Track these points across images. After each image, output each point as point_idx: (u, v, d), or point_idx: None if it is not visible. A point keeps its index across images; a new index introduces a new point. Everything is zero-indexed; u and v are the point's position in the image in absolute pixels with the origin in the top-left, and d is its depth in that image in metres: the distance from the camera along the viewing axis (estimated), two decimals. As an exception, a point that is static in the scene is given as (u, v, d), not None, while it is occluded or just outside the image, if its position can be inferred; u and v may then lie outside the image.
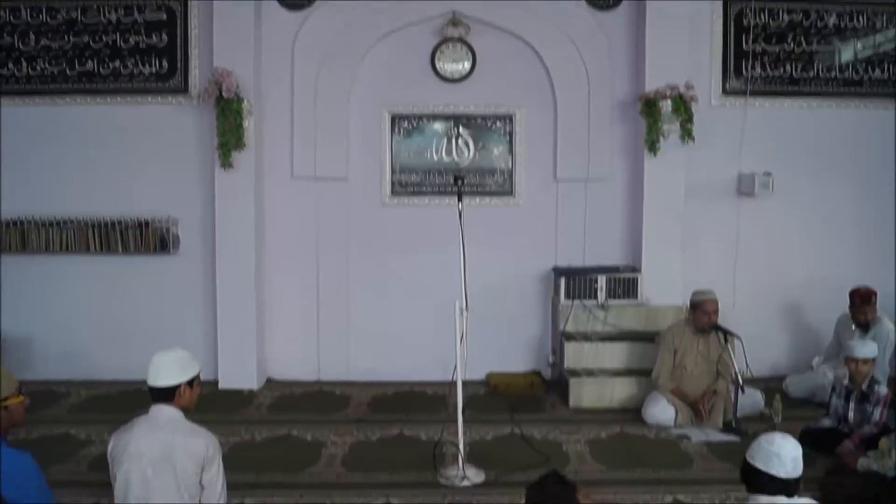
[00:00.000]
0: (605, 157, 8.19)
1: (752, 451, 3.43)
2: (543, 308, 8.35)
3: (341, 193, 8.12)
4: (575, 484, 3.44)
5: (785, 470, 3.32)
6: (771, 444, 3.38)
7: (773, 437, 3.42)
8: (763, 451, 3.37)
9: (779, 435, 3.43)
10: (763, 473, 3.34)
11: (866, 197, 8.51)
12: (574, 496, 3.39)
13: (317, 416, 6.99)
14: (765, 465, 3.34)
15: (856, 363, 5.83)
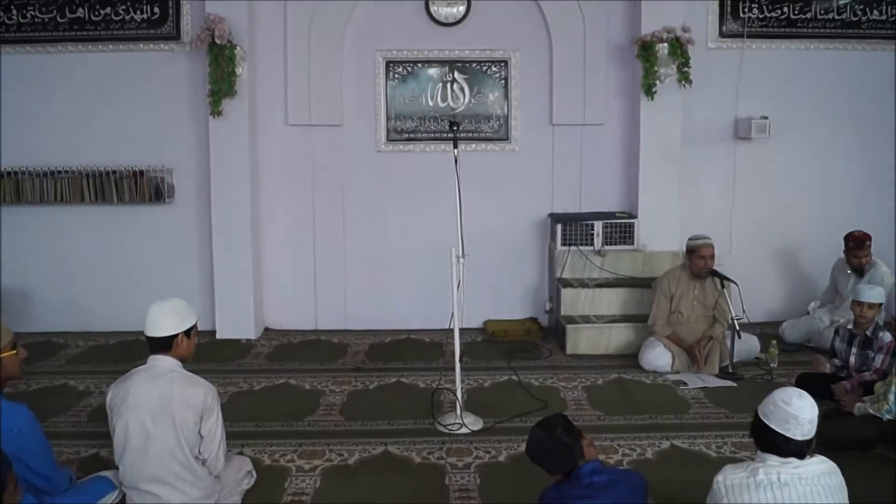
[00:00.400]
0: (601, 102, 8.12)
1: (766, 409, 3.26)
2: (540, 255, 8.34)
3: (336, 140, 8.05)
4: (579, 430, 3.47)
5: (801, 432, 3.18)
6: (788, 405, 3.20)
7: (789, 396, 3.23)
8: (779, 412, 3.20)
9: (796, 394, 3.25)
10: (778, 434, 3.19)
11: (865, 141, 8.47)
12: (579, 440, 3.41)
13: (315, 365, 7.01)
14: (780, 426, 3.19)
15: (861, 307, 5.81)
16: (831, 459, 3.34)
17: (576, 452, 3.38)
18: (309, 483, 4.68)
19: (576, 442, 3.39)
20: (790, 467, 3.17)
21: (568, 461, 3.38)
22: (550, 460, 3.41)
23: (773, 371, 6.58)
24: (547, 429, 3.43)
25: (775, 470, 3.17)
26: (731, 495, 3.17)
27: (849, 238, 7.29)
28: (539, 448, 3.42)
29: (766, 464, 3.20)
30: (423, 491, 4.58)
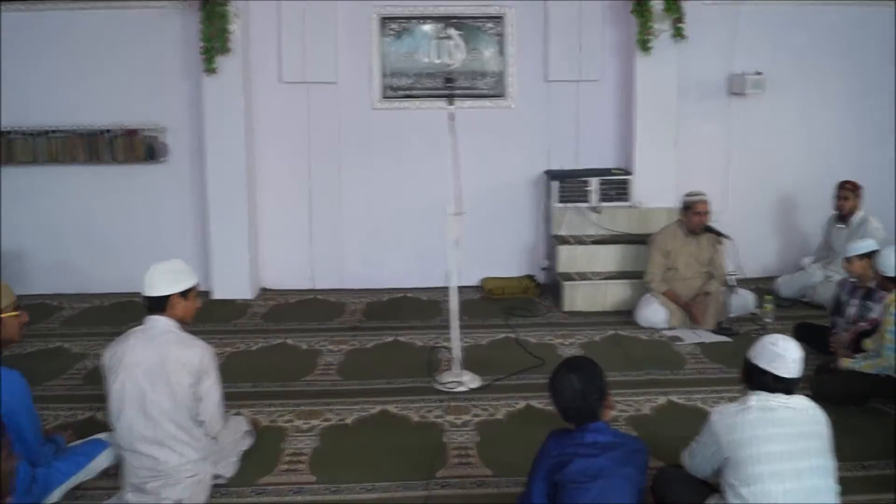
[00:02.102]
0: (596, 58, 8.07)
1: (756, 351, 3.52)
2: (536, 212, 8.32)
3: (331, 98, 7.99)
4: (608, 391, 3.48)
5: (788, 370, 3.43)
6: (775, 346, 3.47)
7: (776, 339, 3.51)
8: (768, 352, 3.47)
9: (782, 337, 3.52)
10: (767, 373, 3.44)
11: (861, 97, 8.44)
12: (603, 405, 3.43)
13: (312, 325, 7.02)
14: (769, 364, 3.44)
15: (849, 262, 5.82)
16: (827, 413, 3.53)
17: (595, 415, 3.40)
18: (307, 443, 4.70)
19: (600, 407, 3.41)
20: (778, 399, 3.43)
21: (582, 420, 3.41)
22: (570, 414, 3.43)
23: (768, 326, 6.60)
24: (584, 389, 3.38)
25: (765, 400, 3.43)
26: (725, 420, 3.43)
27: (838, 185, 7.35)
28: (565, 400, 3.40)
29: (757, 395, 3.46)
30: (422, 449, 4.60)
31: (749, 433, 3.34)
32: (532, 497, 3.40)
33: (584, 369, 3.47)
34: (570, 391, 3.38)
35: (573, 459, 3.31)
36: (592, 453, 3.31)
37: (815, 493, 3.30)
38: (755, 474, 3.29)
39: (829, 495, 3.35)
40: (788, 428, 3.35)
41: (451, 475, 4.32)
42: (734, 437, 3.36)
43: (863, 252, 5.70)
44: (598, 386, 3.41)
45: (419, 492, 4.15)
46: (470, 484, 4.23)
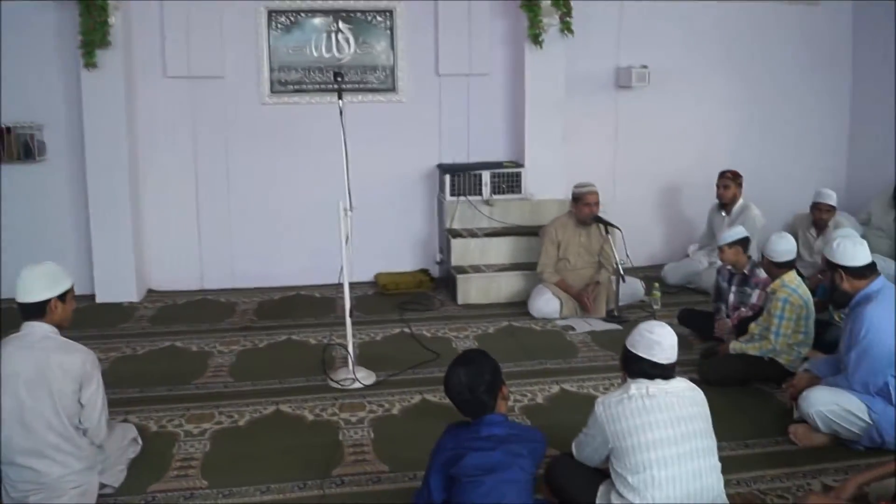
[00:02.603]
0: (486, 52, 8.11)
1: (633, 339, 3.57)
2: (429, 206, 8.32)
3: (218, 93, 7.80)
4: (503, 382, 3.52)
5: (665, 356, 3.49)
6: (651, 333, 3.53)
7: (651, 327, 3.58)
8: (644, 340, 3.52)
9: (657, 324, 3.59)
10: (645, 360, 3.48)
11: (741, 88, 8.76)
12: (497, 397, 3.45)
13: (201, 326, 6.85)
14: (646, 352, 3.49)
15: (721, 250, 6.01)
16: (712, 395, 3.66)
17: (488, 408, 3.41)
18: (198, 447, 4.58)
19: (492, 401, 3.42)
20: (658, 384, 3.48)
21: (476, 412, 3.42)
22: (461, 407, 3.45)
23: (657, 312, 6.74)
24: (470, 382, 3.40)
25: (645, 386, 3.47)
26: (608, 411, 3.46)
27: (718, 175, 7.59)
28: (454, 393, 3.43)
29: (637, 382, 3.50)
30: (317, 448, 4.55)
31: (631, 422, 3.39)
32: (429, 491, 3.40)
33: (474, 363, 3.49)
34: (457, 385, 3.41)
35: (468, 453, 3.31)
36: (488, 447, 3.32)
37: (700, 474, 3.38)
38: (640, 462, 3.35)
39: (713, 475, 3.44)
40: (669, 413, 3.41)
41: (347, 473, 4.28)
42: (617, 427, 3.41)
43: (734, 240, 5.91)
44: (487, 379, 3.42)
45: (315, 491, 4.10)
46: (366, 481, 4.20)
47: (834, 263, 4.46)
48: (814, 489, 4.08)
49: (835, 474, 4.22)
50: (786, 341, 5.28)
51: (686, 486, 3.34)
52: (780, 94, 8.85)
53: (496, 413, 3.43)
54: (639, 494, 3.33)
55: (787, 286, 5.29)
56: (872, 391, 4.37)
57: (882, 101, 8.60)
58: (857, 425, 4.38)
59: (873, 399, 4.36)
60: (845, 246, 4.44)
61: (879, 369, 4.33)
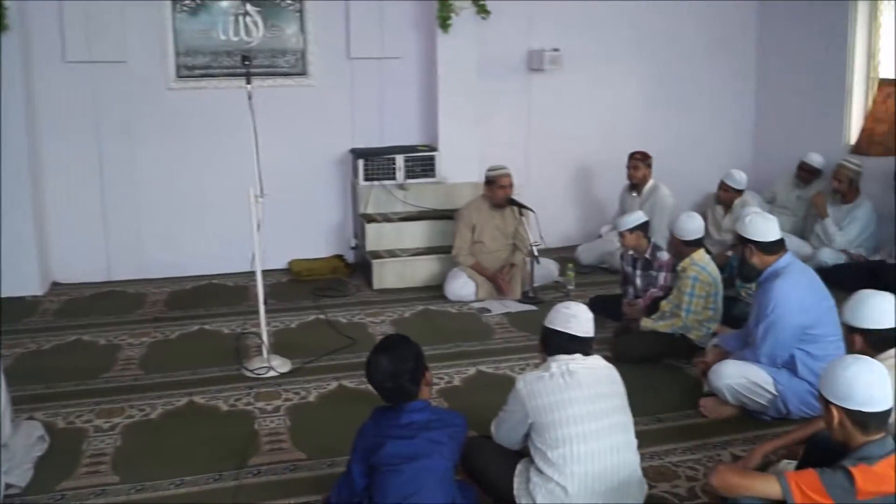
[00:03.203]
0: (398, 35, 8.05)
1: (551, 317, 3.66)
2: (343, 191, 8.24)
3: (121, 78, 7.53)
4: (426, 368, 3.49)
5: (582, 329, 3.59)
6: (568, 309, 3.65)
7: (567, 304, 3.71)
8: (561, 315, 3.63)
9: (572, 303, 3.73)
10: (563, 334, 3.57)
11: (651, 71, 8.90)
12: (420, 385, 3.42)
13: (110, 319, 6.66)
14: (564, 326, 3.58)
15: (621, 236, 6.10)
16: (626, 372, 3.76)
17: (411, 395, 3.39)
18: (109, 442, 4.47)
19: (416, 387, 3.39)
20: (577, 361, 3.54)
21: (398, 399, 3.39)
22: (384, 394, 3.41)
23: (571, 293, 6.81)
24: (394, 370, 3.35)
25: (565, 362, 3.53)
26: (529, 387, 3.50)
27: (628, 156, 7.71)
28: (376, 381, 3.39)
29: (556, 360, 3.56)
30: (233, 438, 4.48)
31: (552, 398, 3.43)
32: (353, 479, 3.37)
33: (396, 349, 3.44)
34: (379, 373, 3.37)
35: (387, 442, 3.29)
36: (407, 434, 3.30)
37: (617, 449, 3.45)
38: (560, 437, 3.39)
39: (629, 450, 3.52)
40: (588, 390, 3.46)
41: (264, 462, 4.23)
42: (538, 402, 3.44)
43: (633, 225, 5.97)
44: (410, 367, 3.38)
45: (231, 482, 4.03)
46: (283, 469, 4.15)
47: (745, 238, 4.55)
48: (723, 460, 4.20)
49: (743, 444, 4.36)
50: (696, 317, 5.40)
51: (604, 462, 3.40)
52: (689, 76, 9.01)
53: (418, 400, 3.41)
54: (558, 469, 3.38)
55: (696, 264, 5.41)
56: (778, 364, 4.50)
57: (787, 81, 8.84)
58: (763, 397, 4.51)
59: (779, 372, 4.50)
60: (756, 221, 4.55)
61: (786, 343, 4.45)
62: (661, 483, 3.98)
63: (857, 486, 2.77)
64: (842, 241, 7.33)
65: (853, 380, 2.86)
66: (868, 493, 2.76)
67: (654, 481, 3.92)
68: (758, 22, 9.18)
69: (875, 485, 2.77)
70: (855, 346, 3.57)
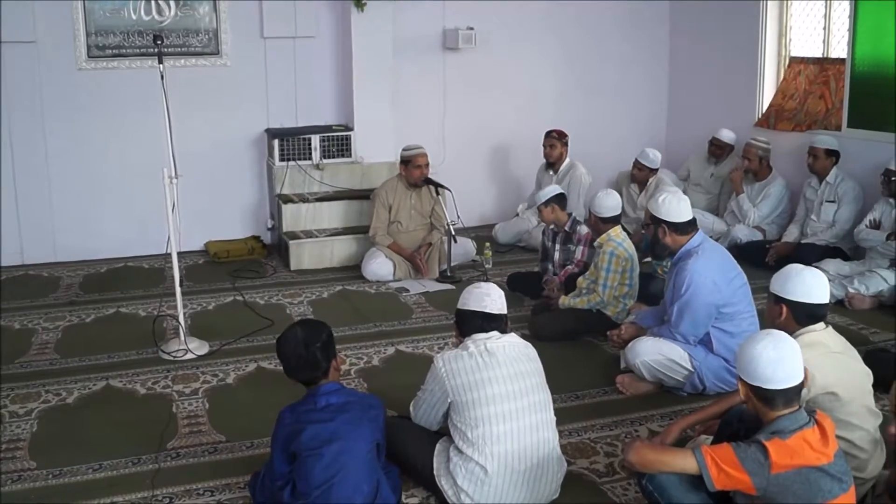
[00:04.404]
0: (311, 14, 8.04)
1: (464, 299, 3.74)
2: (258, 171, 8.23)
3: (29, 58, 7.37)
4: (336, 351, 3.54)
5: (496, 306, 3.67)
6: (480, 288, 3.74)
7: (478, 284, 3.81)
8: (474, 296, 3.70)
9: (483, 283, 3.83)
10: (478, 313, 3.65)
11: (566, 49, 9.03)
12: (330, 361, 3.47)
13: (23, 303, 6.56)
14: (478, 304, 3.66)
15: (539, 210, 6.24)
16: (543, 350, 3.86)
17: (320, 371, 3.44)
18: (25, 428, 4.44)
19: (326, 363, 3.45)
20: (494, 339, 3.61)
21: (308, 375, 3.44)
22: (293, 365, 3.45)
23: (489, 271, 6.94)
24: (306, 337, 3.42)
25: (482, 341, 3.60)
26: (448, 366, 3.57)
27: (544, 135, 7.83)
28: (289, 349, 3.44)
29: (473, 339, 3.63)
30: (151, 422, 4.48)
31: (471, 377, 3.50)
32: (274, 470, 3.41)
33: (310, 325, 3.55)
34: (292, 340, 3.43)
35: (306, 427, 3.33)
36: (326, 418, 3.35)
37: (536, 428, 3.53)
38: (480, 416, 3.46)
39: (548, 428, 3.60)
40: (506, 369, 3.53)
41: (183, 445, 4.25)
42: (457, 381, 3.51)
43: (548, 198, 6.09)
44: (323, 339, 3.46)
45: (150, 465, 4.05)
46: (202, 452, 4.19)
47: (658, 218, 4.64)
48: (640, 436, 4.29)
49: (660, 420, 4.46)
50: (612, 293, 5.50)
51: (523, 440, 3.48)
52: (602, 55, 9.15)
53: (330, 382, 3.47)
54: (477, 449, 3.44)
55: (612, 240, 5.52)
56: (693, 342, 4.61)
57: (699, 59, 9.01)
58: (680, 373, 4.62)
59: (695, 348, 4.61)
60: (670, 202, 4.63)
61: (701, 321, 4.56)
62: (580, 460, 4.04)
63: (771, 459, 2.82)
64: (755, 217, 7.44)
65: (758, 357, 2.91)
66: (782, 466, 2.81)
67: (572, 458, 4.00)
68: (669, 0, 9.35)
69: (789, 458, 2.82)
70: (780, 317, 3.58)
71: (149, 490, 3.84)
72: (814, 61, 7.85)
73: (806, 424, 2.90)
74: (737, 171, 7.65)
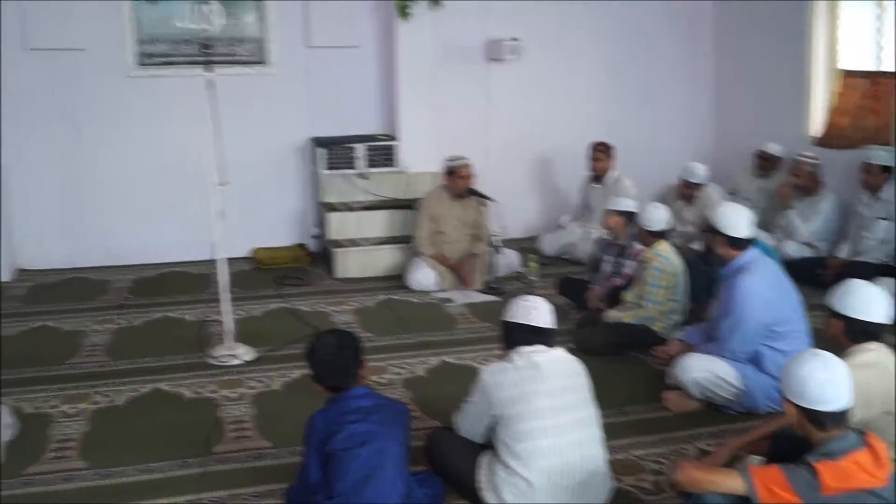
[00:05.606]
0: (357, 24, 8.12)
1: (510, 311, 3.70)
2: (304, 180, 8.29)
3: (81, 65, 7.54)
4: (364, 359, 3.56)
5: (543, 319, 3.63)
6: (527, 301, 3.69)
7: (525, 297, 3.75)
8: (520, 308, 3.66)
9: (530, 297, 3.76)
10: (525, 326, 3.61)
11: (613, 61, 8.98)
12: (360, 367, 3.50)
13: (75, 305, 6.69)
14: (525, 317, 3.62)
15: (607, 214, 6.10)
16: (589, 364, 3.80)
17: (350, 376, 3.47)
18: (76, 428, 4.52)
19: (356, 368, 3.48)
20: (540, 353, 3.58)
21: (339, 380, 3.47)
22: (324, 370, 3.49)
23: (533, 283, 6.89)
24: (337, 343, 3.49)
25: (528, 355, 3.57)
26: (494, 378, 3.56)
27: (591, 147, 7.79)
28: (321, 355, 3.48)
29: (519, 352, 3.59)
30: (197, 426, 4.54)
31: (517, 390, 3.48)
32: (308, 473, 3.43)
33: (340, 332, 3.65)
34: (325, 344, 3.49)
35: (341, 428, 3.35)
36: (358, 419, 3.38)
37: (582, 443, 3.50)
38: (525, 430, 3.44)
39: (595, 444, 3.58)
40: (553, 383, 3.51)
41: (229, 450, 4.29)
42: (503, 394, 3.49)
43: (622, 209, 5.98)
44: (353, 345, 3.51)
45: (196, 469, 4.09)
46: (248, 457, 4.22)
47: (715, 228, 4.58)
48: (688, 454, 4.21)
49: (708, 438, 4.36)
50: (659, 308, 5.43)
51: (569, 456, 3.45)
52: (648, 66, 9.09)
53: (360, 386, 3.50)
54: (522, 463, 3.42)
55: (660, 255, 5.45)
56: (744, 359, 4.52)
57: (746, 71, 8.87)
58: (729, 391, 4.52)
59: (745, 366, 4.51)
60: (729, 214, 4.58)
61: (751, 340, 4.49)
62: (627, 477, 3.97)
63: (821, 481, 2.77)
64: (806, 233, 7.25)
65: (808, 378, 2.87)
66: (833, 489, 2.76)
67: (619, 475, 3.92)
68: (716, 11, 9.22)
69: (840, 480, 2.77)
70: (833, 331, 3.55)
71: (194, 493, 3.88)
72: (865, 75, 7.69)
73: (856, 446, 2.85)
74: (786, 186, 7.47)
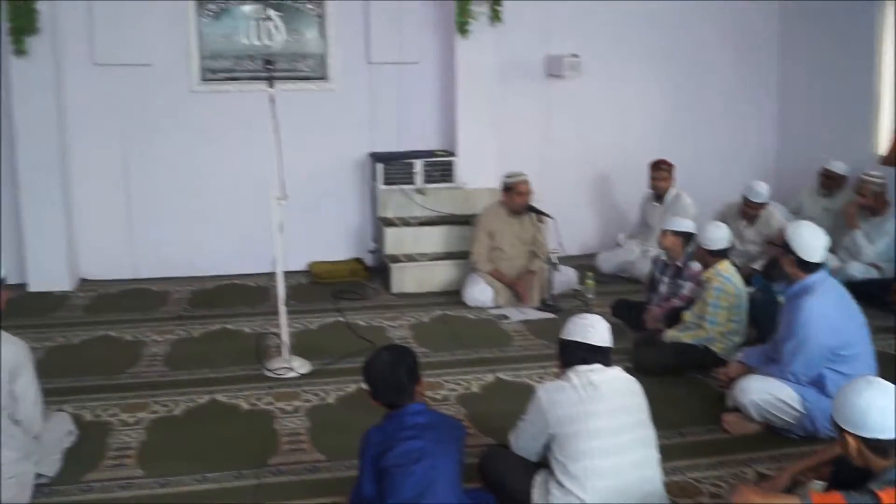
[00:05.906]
0: (417, 40, 8.16)
1: (567, 329, 3.66)
2: (361, 194, 8.34)
3: (147, 80, 7.70)
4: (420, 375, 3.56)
5: (600, 337, 3.58)
6: (584, 319, 3.65)
7: (581, 315, 3.72)
8: (578, 326, 3.62)
9: (587, 315, 3.73)
10: (582, 344, 3.56)
11: (672, 78, 8.93)
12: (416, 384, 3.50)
13: (135, 315, 6.80)
14: (582, 335, 3.58)
15: (664, 235, 6.00)
16: (647, 384, 3.73)
17: (406, 393, 3.46)
18: (134, 437, 4.57)
19: (412, 385, 3.48)
20: (597, 372, 3.52)
21: (395, 397, 3.46)
22: (381, 388, 3.48)
23: (591, 301, 6.82)
24: (393, 360, 3.48)
25: (585, 374, 3.51)
26: (550, 396, 3.51)
27: (651, 165, 7.72)
28: (377, 372, 3.48)
29: (576, 371, 3.54)
30: (253, 437, 4.56)
31: (573, 410, 3.43)
32: (362, 487, 3.42)
33: (397, 350, 3.62)
34: (379, 363, 3.48)
35: (395, 444, 3.34)
36: (413, 435, 3.36)
37: (638, 464, 3.44)
38: (581, 450, 3.39)
39: (652, 465, 3.52)
40: (610, 403, 3.46)
41: (284, 462, 4.30)
42: (560, 413, 3.45)
43: (680, 230, 5.89)
44: (409, 363, 3.50)
45: (251, 480, 4.11)
46: (303, 470, 4.23)
47: (788, 246, 4.47)
48: (747, 477, 4.12)
49: (768, 462, 4.26)
50: (719, 329, 5.34)
51: (625, 477, 3.40)
52: (710, 83, 9.02)
53: (416, 403, 3.49)
54: (579, 483, 3.37)
55: (720, 275, 5.36)
56: (805, 382, 4.41)
57: (809, 88, 8.77)
58: (790, 414, 4.42)
59: (806, 389, 4.40)
60: (806, 237, 4.48)
61: (815, 363, 4.37)
62: (683, 499, 3.90)
63: None
64: (871, 254, 7.10)
65: (868, 408, 2.79)
66: None
67: (676, 497, 3.87)
68: (780, 26, 9.12)
69: None
70: None
71: (250, 504, 3.89)
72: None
73: None
74: (851, 205, 7.30)
